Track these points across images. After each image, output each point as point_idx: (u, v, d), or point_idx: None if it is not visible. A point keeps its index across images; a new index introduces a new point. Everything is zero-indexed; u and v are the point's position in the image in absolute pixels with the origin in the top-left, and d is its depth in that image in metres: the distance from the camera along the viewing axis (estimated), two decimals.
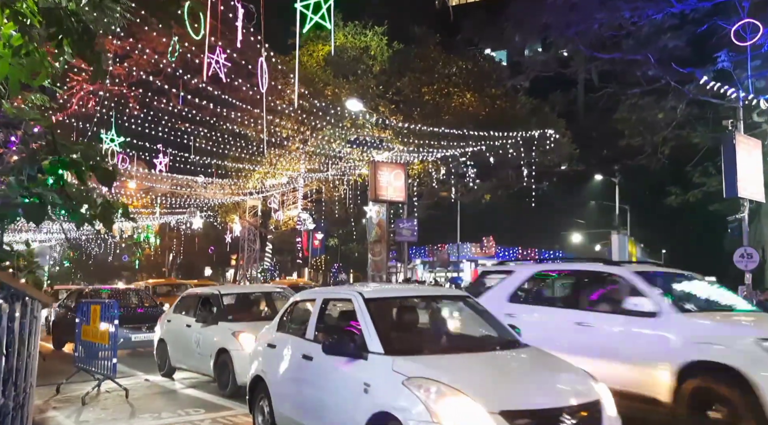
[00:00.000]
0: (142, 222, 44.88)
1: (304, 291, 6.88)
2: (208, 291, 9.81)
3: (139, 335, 11.59)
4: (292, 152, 29.35)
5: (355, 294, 4.85)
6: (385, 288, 6.58)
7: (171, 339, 9.64)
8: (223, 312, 8.83)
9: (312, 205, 32.78)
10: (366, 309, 4.59)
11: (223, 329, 8.36)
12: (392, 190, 23.41)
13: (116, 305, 8.20)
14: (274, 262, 39.13)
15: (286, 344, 5.45)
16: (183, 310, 9.84)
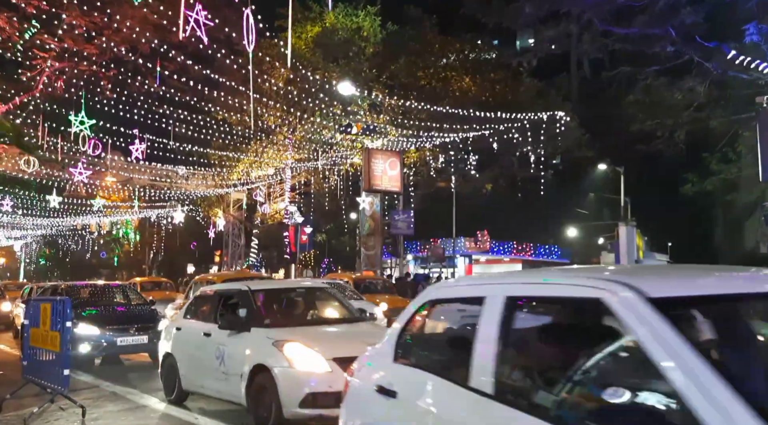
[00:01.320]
0: (121, 217, 43.00)
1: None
2: (234, 287, 7.47)
3: (126, 338, 9.83)
4: (279, 142, 27.84)
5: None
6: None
7: (182, 353, 7.23)
8: (258, 315, 6.54)
9: (300, 197, 31.24)
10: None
11: (260, 338, 6.00)
12: (387, 180, 22.01)
13: (69, 303, 6.67)
14: (260, 258, 37.52)
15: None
16: (198, 314, 7.53)
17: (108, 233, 49.58)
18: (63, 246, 59.17)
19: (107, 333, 9.66)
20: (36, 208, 34.07)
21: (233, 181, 31.80)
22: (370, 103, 23.06)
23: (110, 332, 9.70)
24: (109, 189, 30.71)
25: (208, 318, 7.13)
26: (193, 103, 21.35)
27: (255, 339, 6.03)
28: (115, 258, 53.91)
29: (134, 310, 11.18)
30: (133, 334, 9.84)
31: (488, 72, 22.67)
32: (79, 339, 9.24)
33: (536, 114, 17.16)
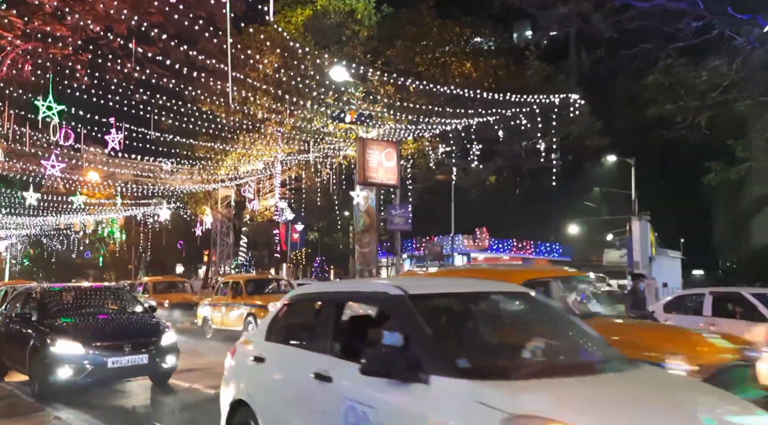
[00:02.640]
0: (105, 215, 41.32)
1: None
2: (367, 289, 4.26)
3: (120, 359, 7.56)
4: (268, 134, 26.33)
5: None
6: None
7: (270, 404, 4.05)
8: (436, 349, 3.21)
9: (291, 193, 29.75)
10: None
11: (463, 403, 2.78)
12: (383, 172, 20.55)
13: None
14: (249, 257, 35.99)
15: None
16: (295, 335, 4.37)
17: (93, 232, 47.88)
18: (48, 246, 57.41)
19: (94, 351, 7.44)
20: (15, 206, 32.42)
21: (221, 177, 30.28)
22: (364, 90, 21.62)
23: (98, 350, 7.47)
24: (88, 184, 29.03)
25: (317, 343, 3.89)
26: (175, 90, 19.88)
27: (451, 404, 2.82)
28: (100, 258, 52.14)
29: (130, 320, 8.87)
30: (129, 353, 7.65)
31: (490, 57, 21.28)
32: (56, 361, 7.32)
33: (547, 97, 15.73)
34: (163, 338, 8.17)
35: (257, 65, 21.75)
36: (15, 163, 24.17)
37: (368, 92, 21.69)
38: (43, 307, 8.58)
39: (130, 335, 8.04)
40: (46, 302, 8.77)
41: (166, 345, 8.10)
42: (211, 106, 25.30)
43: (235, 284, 15.05)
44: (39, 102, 15.63)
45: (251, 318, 13.47)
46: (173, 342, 8.34)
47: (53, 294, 9.24)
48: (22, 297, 9.55)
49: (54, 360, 7.36)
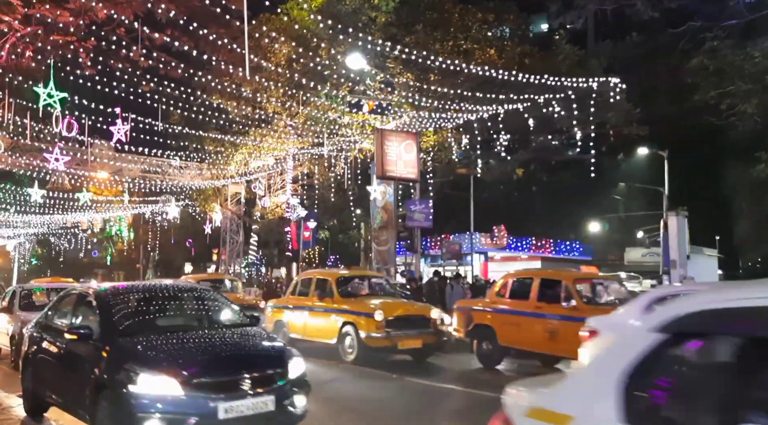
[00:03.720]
0: (113, 213, 40.55)
1: None
2: None
3: (237, 404, 4.91)
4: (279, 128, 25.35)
5: None
6: None
7: None
8: None
9: (303, 190, 28.74)
10: None
11: None
12: (402, 165, 19.48)
13: None
14: (260, 256, 35.03)
15: None
16: None
17: (101, 231, 47.19)
18: (55, 245, 56.88)
19: (198, 392, 4.82)
20: (22, 203, 31.66)
21: (231, 172, 29.36)
22: (382, 79, 20.55)
23: (203, 390, 4.85)
24: (95, 180, 28.17)
25: None
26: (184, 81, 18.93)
27: None
28: (108, 257, 51.45)
29: (239, 340, 5.92)
30: (248, 393, 4.97)
31: (515, 44, 20.12)
32: (140, 408, 4.72)
33: (585, 81, 14.56)
34: (291, 367, 5.41)
35: (269, 55, 20.77)
36: (18, 158, 23.33)
37: (385, 82, 20.63)
38: (109, 319, 5.76)
39: (247, 364, 5.25)
40: (113, 311, 5.90)
41: (296, 379, 5.39)
42: (220, 99, 24.40)
43: (322, 282, 11.73)
44: (39, 89, 14.67)
45: (350, 329, 10.53)
46: (303, 374, 5.56)
47: (122, 299, 6.30)
48: (70, 302, 6.71)
49: (137, 407, 4.71)
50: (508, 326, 10.04)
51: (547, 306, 9.47)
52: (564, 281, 9.46)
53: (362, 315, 10.44)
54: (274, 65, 21.27)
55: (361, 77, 20.46)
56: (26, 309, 10.97)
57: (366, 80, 20.71)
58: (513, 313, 10.10)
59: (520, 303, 9.99)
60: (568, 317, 8.86)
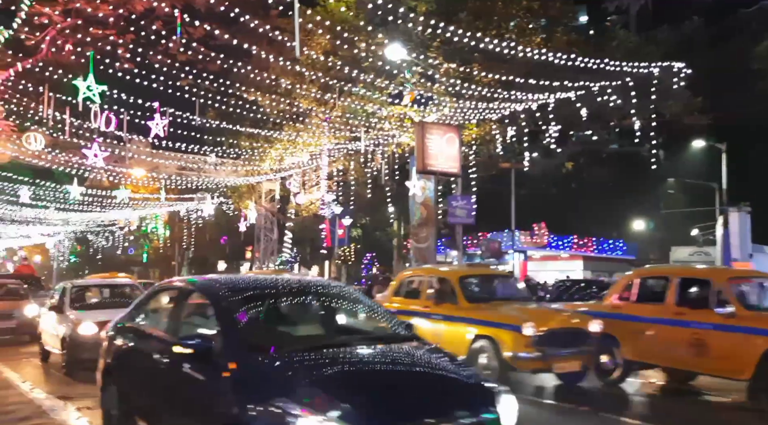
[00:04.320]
0: (149, 211, 40.88)
1: None
2: None
3: None
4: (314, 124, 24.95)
5: None
6: None
7: None
8: None
9: (338, 186, 28.26)
10: None
11: None
12: (444, 159, 18.75)
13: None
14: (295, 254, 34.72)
15: None
16: None
17: (137, 228, 47.73)
18: (93, 243, 57.86)
19: None
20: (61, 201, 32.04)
21: (265, 169, 29.12)
22: (422, 70, 19.89)
23: None
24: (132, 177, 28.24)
25: None
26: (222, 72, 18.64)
27: None
28: (144, 254, 52.04)
29: (423, 363, 4.21)
30: None
31: (563, 32, 19.20)
32: None
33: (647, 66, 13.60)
34: (503, 411, 3.74)
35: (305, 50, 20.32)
36: (58, 155, 23.43)
37: (426, 73, 19.95)
38: (233, 327, 4.23)
39: (440, 403, 3.62)
40: (236, 316, 4.31)
41: None
42: (256, 94, 24.14)
43: (440, 282, 9.28)
44: (79, 82, 14.46)
45: (486, 345, 8.12)
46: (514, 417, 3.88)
47: (243, 299, 4.53)
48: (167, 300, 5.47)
49: None
50: (636, 336, 8.26)
51: (692, 311, 7.70)
52: (715, 280, 7.74)
53: (504, 328, 8.01)
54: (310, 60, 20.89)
55: (400, 69, 19.85)
56: (79, 308, 10.17)
57: (405, 72, 20.09)
58: (644, 321, 8.25)
59: (653, 308, 8.21)
60: (724, 326, 7.22)
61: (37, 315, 13.56)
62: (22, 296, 14.63)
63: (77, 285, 11.58)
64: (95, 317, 9.33)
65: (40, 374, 9.98)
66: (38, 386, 8.65)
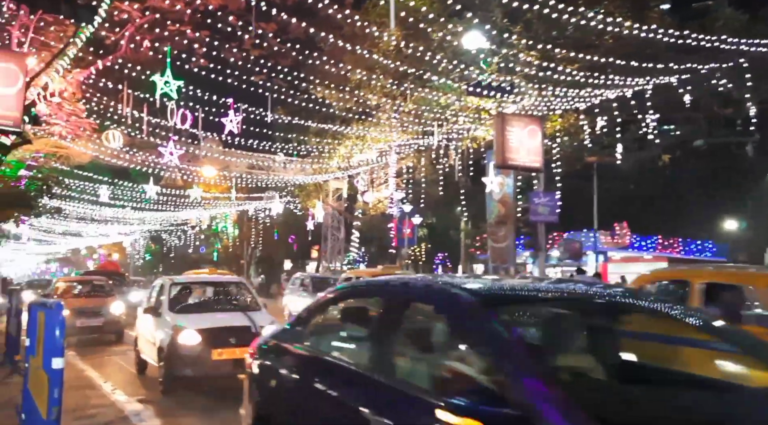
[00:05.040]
0: (219, 210, 41.65)
1: None
2: None
3: None
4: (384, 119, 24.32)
5: None
6: None
7: None
8: None
9: (408, 184, 27.50)
10: None
11: None
12: (525, 153, 17.54)
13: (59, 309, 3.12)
14: (362, 253, 34.27)
15: None
16: None
17: (208, 227, 48.87)
18: (166, 241, 59.85)
19: None
20: (136, 200, 33.00)
21: (333, 168, 28.79)
22: (500, 59, 18.81)
23: None
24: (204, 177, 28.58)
25: None
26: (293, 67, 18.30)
27: None
28: (214, 253, 53.32)
29: None
30: None
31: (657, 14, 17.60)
32: None
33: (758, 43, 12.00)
34: None
35: (377, 42, 19.71)
36: (135, 154, 23.91)
37: (504, 63, 18.85)
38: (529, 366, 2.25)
39: None
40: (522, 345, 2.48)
41: None
42: (325, 91, 23.81)
43: None
44: (156, 77, 14.41)
45: None
46: None
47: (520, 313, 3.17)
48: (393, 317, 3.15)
49: None
50: None
51: None
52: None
53: None
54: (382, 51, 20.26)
55: (476, 59, 18.86)
56: (180, 310, 8.41)
57: (481, 62, 19.07)
58: None
59: None
60: None
61: (123, 313, 13.47)
62: (108, 293, 14.32)
63: (178, 282, 9.42)
64: (199, 323, 7.72)
65: (121, 374, 9.68)
66: (120, 387, 8.32)
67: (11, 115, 11.86)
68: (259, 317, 8.07)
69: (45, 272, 76.96)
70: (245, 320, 7.88)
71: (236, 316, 8.14)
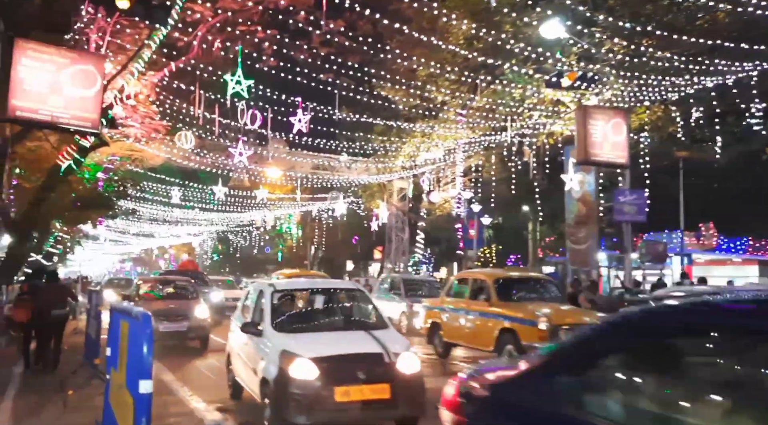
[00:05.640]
0: (284, 211, 42.07)
1: None
2: None
3: None
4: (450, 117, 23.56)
5: None
6: None
7: None
8: None
9: (477, 183, 26.57)
10: None
11: None
12: (609, 148, 16.29)
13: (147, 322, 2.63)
14: (428, 254, 33.54)
15: None
16: None
17: (273, 228, 49.52)
18: (232, 242, 61.25)
19: None
20: (205, 201, 33.72)
21: (397, 167, 28.28)
22: (578, 50, 17.66)
23: None
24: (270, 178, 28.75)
25: None
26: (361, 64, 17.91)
27: None
28: (279, 253, 54.04)
29: None
30: None
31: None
32: None
33: None
34: None
35: (447, 35, 19.01)
36: (204, 156, 24.24)
37: (584, 52, 17.69)
38: None
39: None
40: None
41: None
42: (391, 89, 23.33)
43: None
44: (228, 77, 14.29)
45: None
46: None
47: None
48: None
49: None
50: None
51: None
52: None
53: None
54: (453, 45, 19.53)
55: (552, 50, 17.78)
56: (288, 328, 6.25)
57: (558, 53, 17.96)
58: None
59: None
60: None
61: (208, 317, 12.29)
62: (192, 295, 13.12)
63: (281, 289, 6.99)
64: (314, 348, 5.64)
65: (200, 379, 9.39)
66: (197, 393, 8.00)
67: (90, 117, 11.90)
68: (389, 339, 5.91)
69: (120, 271, 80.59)
70: (373, 344, 5.72)
71: (360, 338, 5.92)
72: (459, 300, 11.12)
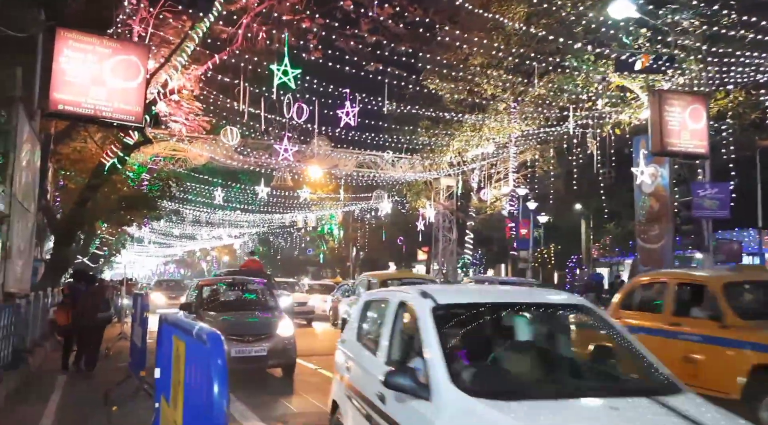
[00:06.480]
0: (326, 211, 41.40)
1: None
2: None
3: None
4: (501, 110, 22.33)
5: None
6: None
7: None
8: None
9: (534, 180, 25.16)
10: None
11: None
12: (687, 137, 14.81)
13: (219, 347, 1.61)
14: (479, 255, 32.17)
15: None
16: None
17: (314, 229, 49.00)
18: (273, 243, 61.13)
19: None
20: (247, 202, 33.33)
21: (444, 164, 27.10)
22: (648, 31, 16.21)
23: None
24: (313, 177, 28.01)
25: None
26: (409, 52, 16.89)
27: None
28: (320, 255, 53.46)
29: None
30: None
31: None
32: None
33: None
34: None
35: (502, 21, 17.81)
36: (247, 156, 23.64)
37: (654, 35, 16.21)
38: None
39: None
40: None
41: None
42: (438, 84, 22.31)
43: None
44: (274, 67, 13.47)
45: None
46: None
47: None
48: None
49: None
50: None
51: None
52: None
53: None
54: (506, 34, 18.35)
55: (617, 32, 16.38)
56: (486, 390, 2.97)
57: (623, 37, 16.54)
58: None
59: None
60: None
61: (293, 336, 8.93)
62: (269, 305, 9.78)
63: (450, 304, 3.74)
64: None
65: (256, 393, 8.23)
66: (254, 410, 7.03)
67: (133, 110, 11.23)
68: None
69: (164, 273, 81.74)
70: None
71: None
72: (650, 314, 7.45)
